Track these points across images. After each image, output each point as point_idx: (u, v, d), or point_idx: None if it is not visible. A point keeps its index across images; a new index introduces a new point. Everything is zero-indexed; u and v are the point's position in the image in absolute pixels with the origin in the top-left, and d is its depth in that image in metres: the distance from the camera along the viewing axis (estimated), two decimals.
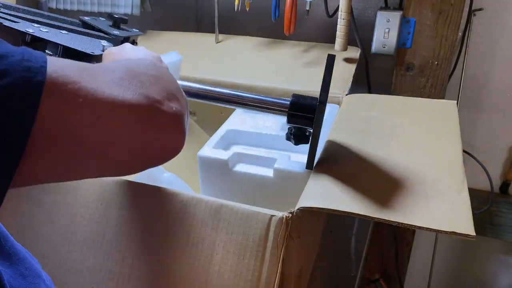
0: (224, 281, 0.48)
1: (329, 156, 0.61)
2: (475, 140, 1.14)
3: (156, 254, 0.50)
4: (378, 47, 0.96)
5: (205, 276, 0.48)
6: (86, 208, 0.54)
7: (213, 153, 0.68)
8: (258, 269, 0.48)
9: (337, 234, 1.17)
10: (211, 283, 0.48)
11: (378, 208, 0.49)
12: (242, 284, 0.47)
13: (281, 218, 0.48)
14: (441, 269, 1.34)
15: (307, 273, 0.60)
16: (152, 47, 1.05)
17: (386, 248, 1.20)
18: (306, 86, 0.87)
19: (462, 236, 0.46)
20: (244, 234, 0.48)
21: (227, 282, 0.48)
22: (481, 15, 1.02)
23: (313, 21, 1.11)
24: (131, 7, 1.10)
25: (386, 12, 0.94)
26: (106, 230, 0.52)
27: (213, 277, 0.48)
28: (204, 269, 0.49)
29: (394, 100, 0.77)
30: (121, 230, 0.52)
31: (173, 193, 0.52)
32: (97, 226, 0.53)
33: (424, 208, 0.49)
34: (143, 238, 0.51)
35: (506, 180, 1.16)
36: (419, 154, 0.60)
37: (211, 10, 1.13)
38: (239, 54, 1.01)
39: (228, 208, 0.50)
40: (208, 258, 0.49)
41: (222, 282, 0.48)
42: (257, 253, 0.48)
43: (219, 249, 0.49)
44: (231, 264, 0.48)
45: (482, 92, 1.10)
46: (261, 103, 0.61)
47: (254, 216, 0.49)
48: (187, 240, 0.50)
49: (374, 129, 0.67)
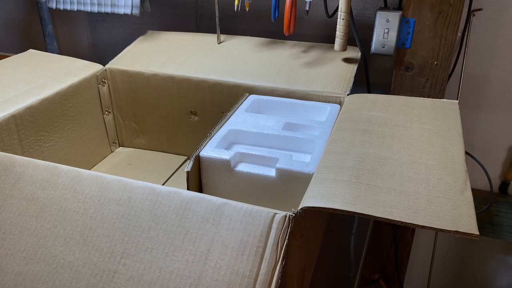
0: (219, 277, 0.47)
1: (331, 156, 0.61)
2: (474, 140, 1.15)
3: (148, 250, 0.50)
4: (378, 47, 0.97)
5: (199, 271, 0.48)
6: (82, 203, 0.53)
7: (215, 153, 0.68)
8: (257, 266, 0.47)
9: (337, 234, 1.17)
10: (205, 278, 0.47)
11: (381, 207, 0.49)
12: (239, 279, 0.47)
13: (283, 216, 0.48)
14: (441, 269, 1.35)
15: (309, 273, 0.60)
16: (152, 47, 1.06)
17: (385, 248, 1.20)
18: (306, 86, 0.87)
19: (466, 235, 0.46)
20: (246, 230, 0.48)
21: (222, 278, 0.47)
22: (480, 15, 1.02)
23: (313, 21, 1.11)
24: (131, 7, 1.10)
25: (385, 12, 0.94)
26: (98, 224, 0.51)
27: (208, 273, 0.47)
28: (199, 264, 0.48)
29: (396, 99, 0.77)
30: (115, 225, 0.51)
31: (175, 191, 0.51)
32: (90, 220, 0.52)
33: (427, 207, 0.49)
34: (137, 234, 0.50)
35: (506, 180, 1.17)
36: (422, 154, 0.60)
37: (211, 10, 1.14)
38: (239, 54, 1.01)
39: (231, 206, 0.49)
40: (204, 254, 0.48)
41: (217, 277, 0.47)
42: (257, 249, 0.47)
43: (218, 245, 0.48)
44: (228, 260, 0.47)
45: (481, 92, 1.10)
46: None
47: (257, 213, 0.48)
48: (184, 236, 0.49)
49: (376, 128, 0.67)
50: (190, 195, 0.51)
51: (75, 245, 0.51)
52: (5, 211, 0.55)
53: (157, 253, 0.49)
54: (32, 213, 0.54)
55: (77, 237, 0.51)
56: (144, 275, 0.48)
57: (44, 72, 0.93)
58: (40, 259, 0.52)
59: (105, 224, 0.51)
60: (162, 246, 0.49)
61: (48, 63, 0.98)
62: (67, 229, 0.52)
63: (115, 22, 1.32)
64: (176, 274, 0.48)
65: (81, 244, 0.51)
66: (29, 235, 0.53)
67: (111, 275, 0.49)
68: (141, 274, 0.49)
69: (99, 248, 0.50)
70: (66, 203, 0.53)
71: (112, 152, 1.07)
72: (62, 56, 1.05)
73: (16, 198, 0.55)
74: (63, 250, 0.51)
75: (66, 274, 0.50)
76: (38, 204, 0.54)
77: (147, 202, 0.51)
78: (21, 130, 0.81)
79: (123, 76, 0.98)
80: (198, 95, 0.93)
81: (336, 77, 0.89)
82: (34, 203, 0.54)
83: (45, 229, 0.53)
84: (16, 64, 0.97)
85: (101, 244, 0.51)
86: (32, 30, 1.41)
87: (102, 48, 1.37)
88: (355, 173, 0.56)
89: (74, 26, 1.37)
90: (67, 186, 0.54)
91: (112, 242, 0.50)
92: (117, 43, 1.31)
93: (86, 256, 0.50)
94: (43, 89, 0.86)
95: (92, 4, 1.13)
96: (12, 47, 1.47)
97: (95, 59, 1.02)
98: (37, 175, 0.56)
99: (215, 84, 0.92)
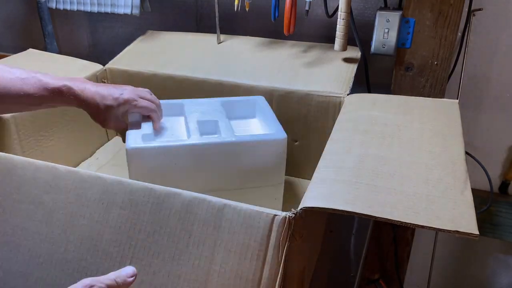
0: (224, 281, 0.47)
1: (331, 156, 0.61)
2: (475, 140, 1.15)
3: (155, 254, 0.50)
4: (378, 47, 0.97)
5: (205, 276, 0.48)
6: (87, 207, 0.53)
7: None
8: (259, 269, 0.47)
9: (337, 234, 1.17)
10: (211, 283, 0.48)
11: (381, 207, 0.49)
12: (243, 284, 0.47)
13: (284, 218, 0.48)
14: (441, 269, 1.35)
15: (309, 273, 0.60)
16: (152, 47, 1.06)
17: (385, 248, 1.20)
18: (306, 86, 0.87)
19: (466, 235, 0.46)
20: (247, 234, 0.48)
21: (227, 282, 0.47)
22: (480, 15, 1.02)
23: (313, 21, 1.11)
24: (131, 7, 1.10)
25: (385, 12, 0.94)
26: (105, 229, 0.52)
27: (214, 277, 0.48)
28: (204, 269, 0.48)
29: (396, 99, 0.77)
30: (121, 229, 0.52)
31: (176, 192, 0.51)
32: (97, 225, 0.52)
33: (427, 207, 0.49)
34: (143, 238, 0.51)
35: (506, 180, 1.17)
36: (422, 153, 0.60)
37: (211, 10, 1.14)
38: (239, 54, 1.01)
39: (231, 207, 0.49)
40: (208, 258, 0.49)
41: (223, 282, 0.47)
42: (259, 252, 0.48)
43: (221, 249, 0.49)
44: (232, 264, 0.48)
45: (481, 92, 1.10)
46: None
47: (257, 215, 0.48)
48: (188, 239, 0.50)
49: (376, 128, 0.67)
50: (190, 197, 0.51)
51: (86, 251, 0.52)
52: (14, 216, 0.55)
53: (164, 257, 0.50)
54: (41, 218, 0.54)
55: (87, 242, 0.52)
56: (154, 279, 0.49)
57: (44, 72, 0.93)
58: (56, 265, 0.53)
59: (111, 229, 0.52)
60: (168, 250, 0.50)
61: (48, 63, 0.98)
62: (76, 234, 0.53)
63: (115, 22, 1.31)
64: (183, 278, 0.49)
65: (91, 250, 0.52)
66: (42, 240, 0.54)
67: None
68: (151, 278, 0.49)
69: (109, 253, 0.51)
70: (72, 208, 0.54)
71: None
72: (62, 56, 1.05)
73: (23, 203, 0.56)
74: (76, 255, 0.52)
75: (82, 279, 0.51)
76: (45, 208, 0.55)
77: (148, 205, 0.52)
78: (21, 130, 0.81)
79: (123, 76, 0.98)
80: (198, 95, 0.93)
81: (336, 77, 0.89)
82: (42, 207, 0.55)
83: (56, 234, 0.53)
84: (16, 63, 0.97)
85: (110, 249, 0.51)
86: (32, 30, 1.41)
87: (102, 48, 1.37)
88: (355, 173, 0.56)
89: (74, 26, 1.37)
90: (70, 189, 0.55)
91: (120, 246, 0.51)
92: (117, 43, 1.31)
93: (98, 261, 0.51)
94: None
95: (92, 4, 1.13)
96: (12, 47, 1.47)
97: (95, 59, 1.01)
98: (39, 177, 0.56)
99: (215, 84, 0.91)
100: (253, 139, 0.72)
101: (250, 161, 0.72)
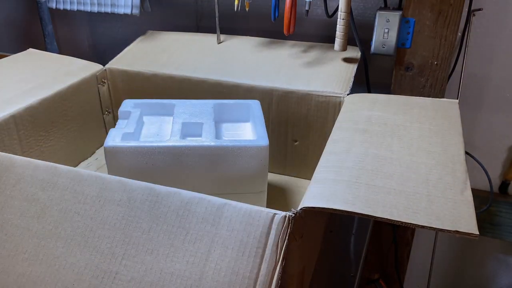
0: (220, 278, 0.47)
1: (331, 156, 0.61)
2: (475, 140, 1.15)
3: (149, 251, 0.50)
4: (378, 47, 0.97)
5: (200, 272, 0.48)
6: (82, 204, 0.53)
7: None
8: (257, 266, 0.47)
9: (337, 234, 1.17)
10: (205, 279, 0.47)
11: (381, 207, 0.49)
12: (239, 280, 0.47)
13: (283, 217, 0.48)
14: (441, 269, 1.35)
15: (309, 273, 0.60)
16: (152, 47, 1.06)
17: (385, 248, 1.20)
18: (306, 86, 0.87)
19: (465, 235, 0.46)
20: (245, 231, 0.48)
21: (223, 279, 0.47)
22: (480, 15, 1.02)
23: (313, 21, 1.11)
24: (131, 7, 1.10)
25: (385, 12, 0.94)
26: (99, 226, 0.51)
27: (209, 274, 0.47)
28: (199, 265, 0.48)
29: (396, 99, 0.77)
30: (115, 226, 0.51)
31: (175, 191, 0.51)
32: (91, 221, 0.52)
33: (427, 207, 0.49)
34: (138, 235, 0.50)
35: (506, 180, 1.17)
36: (421, 153, 0.60)
37: (211, 10, 1.14)
38: (239, 54, 1.01)
39: (231, 206, 0.49)
40: (204, 255, 0.48)
41: (218, 279, 0.47)
42: (257, 250, 0.47)
43: (218, 246, 0.48)
44: (229, 261, 0.47)
45: (481, 92, 1.10)
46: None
47: (257, 213, 0.48)
48: (184, 237, 0.49)
49: (376, 128, 0.67)
50: (190, 196, 0.51)
51: (76, 247, 0.51)
52: (7, 213, 0.55)
53: (157, 254, 0.49)
54: (33, 214, 0.54)
55: (78, 238, 0.51)
56: (145, 276, 0.48)
57: (44, 72, 0.93)
58: (42, 261, 0.52)
59: (105, 225, 0.51)
60: (163, 247, 0.49)
61: (48, 63, 0.98)
62: (68, 230, 0.52)
63: (115, 22, 1.32)
64: (177, 275, 0.48)
65: (82, 246, 0.51)
66: (30, 236, 0.53)
67: (113, 276, 0.49)
68: (142, 275, 0.49)
69: (100, 249, 0.50)
70: (67, 204, 0.53)
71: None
72: (62, 56, 1.05)
73: (17, 199, 0.55)
74: (64, 251, 0.51)
75: (68, 275, 0.50)
76: (39, 205, 0.54)
77: (147, 202, 0.51)
78: (21, 130, 0.81)
79: (123, 76, 0.98)
80: (198, 95, 0.93)
81: (336, 77, 0.89)
82: (35, 204, 0.54)
83: (47, 230, 0.53)
84: (16, 63, 0.97)
85: (102, 245, 0.51)
86: (32, 30, 1.41)
87: (102, 48, 1.37)
88: (355, 173, 0.56)
89: (74, 26, 1.37)
90: (68, 187, 0.54)
91: (113, 243, 0.50)
92: (117, 43, 1.31)
93: (88, 257, 0.50)
94: (43, 89, 0.86)
95: (92, 4, 1.13)
96: (12, 47, 1.47)
97: (95, 59, 1.01)
98: (37, 175, 0.56)
99: (215, 84, 0.92)
100: (233, 145, 0.71)
101: (229, 167, 0.71)
